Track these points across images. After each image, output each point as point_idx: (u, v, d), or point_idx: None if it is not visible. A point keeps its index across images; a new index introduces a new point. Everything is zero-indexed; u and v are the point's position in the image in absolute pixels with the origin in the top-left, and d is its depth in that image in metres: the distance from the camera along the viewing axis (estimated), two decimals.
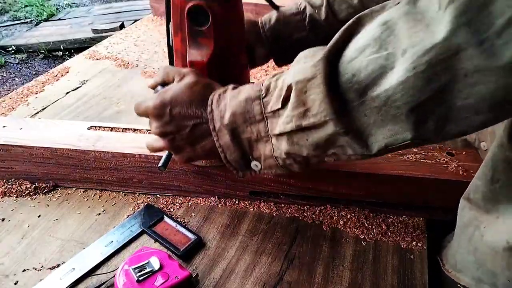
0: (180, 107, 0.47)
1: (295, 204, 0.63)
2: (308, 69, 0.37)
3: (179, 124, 0.47)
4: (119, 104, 0.90)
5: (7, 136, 0.64)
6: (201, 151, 0.48)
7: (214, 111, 0.45)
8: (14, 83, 2.99)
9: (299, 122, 0.39)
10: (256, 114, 0.42)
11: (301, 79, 0.37)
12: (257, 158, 0.45)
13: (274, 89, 0.41)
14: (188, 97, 0.47)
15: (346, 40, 0.37)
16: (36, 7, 4.28)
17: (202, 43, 0.53)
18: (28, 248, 0.56)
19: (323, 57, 0.36)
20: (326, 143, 0.39)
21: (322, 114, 0.37)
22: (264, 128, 0.42)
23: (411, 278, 0.52)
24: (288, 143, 0.41)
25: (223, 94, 0.46)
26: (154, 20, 1.38)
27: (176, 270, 0.48)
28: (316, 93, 0.36)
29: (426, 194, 0.59)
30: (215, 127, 0.45)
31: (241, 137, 0.44)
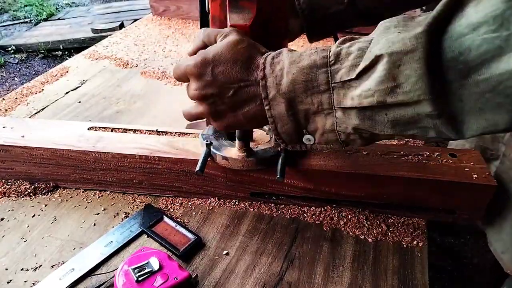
0: (223, 65, 0.43)
1: (296, 205, 0.63)
2: (406, 40, 0.33)
3: (222, 85, 0.43)
4: (119, 104, 0.90)
5: (7, 137, 0.64)
6: (243, 117, 0.45)
7: (268, 76, 0.41)
8: (13, 83, 2.98)
9: (383, 98, 0.35)
10: (320, 84, 0.38)
11: (397, 51, 0.33)
12: (313, 131, 0.42)
13: (346, 56, 0.37)
14: (232, 55, 0.43)
15: (451, 13, 0.33)
16: (35, 6, 4.28)
17: (244, 6, 0.49)
18: (27, 248, 0.56)
19: (426, 30, 0.32)
20: (409, 123, 0.36)
21: (416, 93, 0.33)
22: (328, 99, 0.39)
23: (411, 278, 0.52)
24: (359, 118, 0.37)
25: (278, 57, 0.41)
26: (153, 19, 1.38)
27: (175, 270, 0.48)
28: (413, 68, 0.33)
29: (428, 195, 0.59)
30: (268, 95, 0.41)
31: (298, 108, 0.40)
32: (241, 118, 0.45)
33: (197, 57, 0.44)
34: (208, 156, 0.58)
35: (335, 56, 0.38)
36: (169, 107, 0.88)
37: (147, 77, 1.01)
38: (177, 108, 0.87)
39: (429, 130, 0.36)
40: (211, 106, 0.46)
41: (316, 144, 0.43)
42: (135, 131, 0.67)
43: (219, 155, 0.58)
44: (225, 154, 0.58)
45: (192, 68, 0.44)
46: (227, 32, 0.46)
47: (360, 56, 0.37)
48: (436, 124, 0.35)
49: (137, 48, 1.17)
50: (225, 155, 0.58)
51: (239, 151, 0.58)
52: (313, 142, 0.43)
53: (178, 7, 1.36)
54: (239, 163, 0.58)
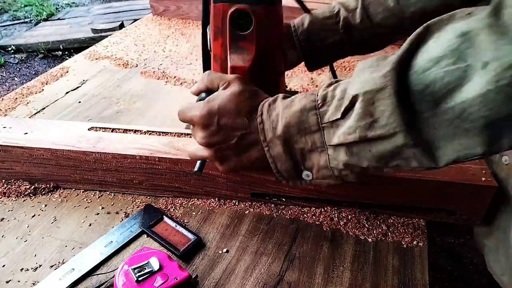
0: (227, 117, 0.46)
1: (296, 206, 0.63)
2: (377, 80, 0.36)
3: (227, 134, 0.47)
4: (119, 104, 0.90)
5: (8, 137, 0.64)
6: (247, 161, 0.48)
7: (265, 121, 0.45)
8: (13, 83, 2.98)
9: (364, 133, 0.38)
10: (312, 125, 0.42)
11: (369, 90, 0.37)
12: (310, 168, 0.44)
13: (331, 98, 0.41)
14: (236, 106, 0.46)
15: (414, 50, 0.36)
16: (35, 6, 4.28)
17: (244, 47, 0.52)
18: (27, 249, 0.56)
19: (393, 68, 0.35)
20: (391, 155, 0.38)
21: (392, 126, 0.36)
22: (320, 138, 0.42)
23: (411, 278, 0.52)
24: (348, 154, 0.40)
25: (273, 104, 0.45)
26: (153, 19, 1.38)
27: (175, 271, 0.48)
28: (386, 104, 0.36)
29: (428, 196, 0.59)
30: (266, 138, 0.45)
31: (294, 148, 0.44)
32: (245, 161, 0.48)
33: (203, 109, 0.47)
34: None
35: (322, 99, 0.42)
36: (169, 107, 0.88)
37: (147, 77, 1.01)
38: (177, 108, 0.87)
39: (411, 161, 0.38)
40: (217, 152, 0.48)
41: (314, 179, 0.45)
42: (135, 131, 0.67)
43: None
44: None
45: (198, 118, 0.47)
46: (230, 80, 0.49)
47: (342, 97, 0.40)
48: (415, 154, 0.37)
49: (137, 48, 1.17)
50: None
51: None
52: (311, 178, 0.45)
53: (178, 7, 1.36)
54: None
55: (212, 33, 0.55)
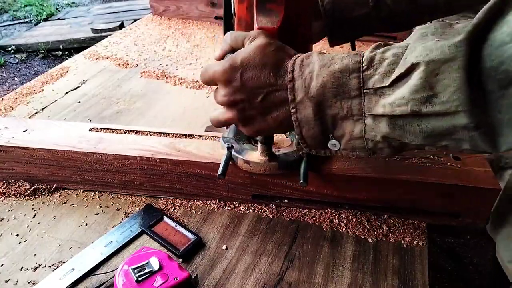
0: (252, 71, 0.42)
1: (297, 208, 0.62)
2: (446, 49, 0.32)
3: (251, 90, 0.42)
4: (119, 104, 0.90)
5: (8, 138, 0.64)
6: (272, 122, 0.44)
7: (297, 79, 0.40)
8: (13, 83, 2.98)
9: (418, 108, 0.34)
10: (352, 89, 0.37)
11: (435, 59, 0.32)
12: (339, 137, 0.41)
13: (380, 62, 0.36)
14: (261, 60, 0.42)
15: (492, 21, 0.32)
16: (35, 6, 4.28)
17: (272, 8, 0.49)
18: (27, 249, 0.56)
19: (466, 38, 0.31)
20: (443, 134, 0.34)
21: (454, 104, 0.32)
22: (358, 105, 0.38)
23: (411, 278, 0.52)
24: (390, 126, 0.36)
25: (307, 59, 0.40)
26: (153, 19, 1.38)
27: (175, 271, 0.48)
28: (452, 78, 0.32)
29: (432, 199, 0.58)
30: (295, 98, 0.40)
31: (326, 112, 0.39)
32: (271, 122, 0.44)
33: (225, 63, 0.43)
34: (229, 159, 0.57)
35: (368, 61, 0.37)
36: (169, 107, 0.88)
37: (147, 77, 1.01)
38: (177, 108, 0.87)
39: (463, 142, 0.34)
40: (240, 112, 0.45)
41: (342, 150, 0.42)
42: (136, 132, 0.67)
43: (241, 159, 0.57)
44: (247, 158, 0.57)
45: (220, 74, 0.43)
46: (255, 35, 0.45)
47: (394, 62, 0.36)
48: (473, 137, 0.33)
49: (137, 48, 1.17)
50: (247, 159, 0.57)
51: (261, 155, 0.57)
52: (338, 148, 0.42)
53: (178, 7, 1.36)
54: (261, 167, 0.57)
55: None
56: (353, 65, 0.37)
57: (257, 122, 0.45)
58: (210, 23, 1.35)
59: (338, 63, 0.38)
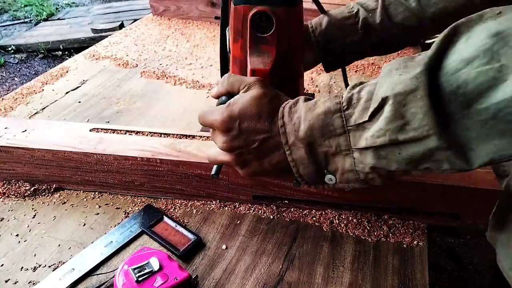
0: (249, 121, 0.45)
1: (297, 208, 0.62)
2: (408, 81, 0.35)
3: (248, 138, 0.46)
4: (119, 104, 0.90)
5: (9, 138, 0.64)
6: (268, 165, 0.47)
7: (287, 124, 0.44)
8: (13, 83, 2.98)
9: (395, 136, 0.37)
10: (336, 128, 0.41)
11: (400, 92, 0.36)
12: (333, 171, 0.44)
13: (357, 101, 0.40)
14: (257, 110, 0.45)
15: (444, 51, 0.35)
16: (35, 6, 4.28)
17: (264, 50, 0.51)
18: (27, 249, 0.56)
19: (424, 69, 0.35)
20: (422, 158, 0.37)
21: (425, 128, 0.35)
22: (345, 141, 0.41)
23: (411, 278, 0.52)
24: (375, 157, 0.39)
25: (295, 106, 0.44)
26: (153, 19, 1.38)
27: (175, 271, 0.48)
28: (418, 106, 0.35)
29: (432, 200, 0.58)
30: (287, 141, 0.44)
31: (317, 151, 0.43)
32: (267, 165, 0.47)
33: (224, 113, 0.46)
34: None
35: (348, 101, 0.40)
36: (169, 107, 0.88)
37: (147, 77, 1.01)
38: (177, 108, 0.87)
39: (442, 163, 0.37)
40: (237, 157, 0.48)
41: (338, 183, 0.44)
42: (137, 132, 0.67)
43: None
44: None
45: (219, 123, 0.46)
46: (250, 83, 0.48)
47: (369, 99, 0.39)
48: (448, 156, 0.36)
49: (137, 48, 1.17)
50: None
51: None
52: (335, 182, 0.44)
53: (178, 7, 1.36)
54: None
55: (232, 35, 0.54)
56: (334, 107, 0.41)
57: (253, 165, 0.48)
58: (210, 23, 1.35)
59: (321, 107, 0.42)
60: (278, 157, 0.46)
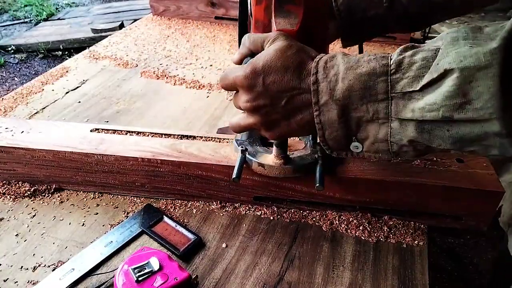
0: (274, 75, 0.41)
1: (298, 209, 0.62)
2: (481, 56, 0.32)
3: (274, 95, 0.42)
4: (119, 104, 0.90)
5: (9, 138, 0.64)
6: (296, 125, 0.43)
7: (321, 81, 0.39)
8: (13, 83, 2.98)
9: (450, 114, 0.34)
10: (379, 92, 0.37)
11: (470, 66, 0.32)
12: (362, 139, 0.40)
13: (409, 66, 0.36)
14: (283, 63, 0.41)
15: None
16: (35, 6, 4.28)
17: (291, 10, 0.48)
18: (27, 248, 0.56)
19: (502, 44, 0.31)
20: (472, 140, 0.34)
21: (488, 111, 0.32)
22: (385, 109, 0.37)
23: (411, 278, 0.52)
24: (417, 131, 0.36)
25: (331, 61, 0.40)
26: (153, 19, 1.38)
27: (175, 271, 0.48)
28: (487, 85, 0.31)
29: (434, 201, 0.58)
30: (318, 100, 0.40)
31: (351, 115, 0.39)
32: (295, 126, 0.44)
33: (247, 68, 0.43)
34: (243, 162, 0.57)
35: (397, 64, 0.37)
36: (169, 107, 0.88)
37: (147, 77, 1.01)
38: (177, 108, 0.87)
39: (492, 149, 0.35)
40: (263, 117, 0.44)
41: (364, 152, 0.41)
42: (138, 133, 0.67)
43: (255, 162, 0.57)
44: (261, 161, 0.57)
45: (242, 79, 0.43)
46: (274, 37, 0.44)
47: (424, 66, 0.35)
48: (503, 143, 0.34)
49: (137, 48, 1.17)
50: (262, 162, 0.56)
51: (276, 158, 0.57)
52: (360, 150, 0.41)
53: (178, 7, 1.36)
54: (276, 170, 0.56)
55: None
56: (380, 68, 0.37)
57: (280, 126, 0.45)
58: (210, 23, 1.35)
59: (365, 66, 0.38)
60: (308, 116, 0.42)
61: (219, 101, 0.90)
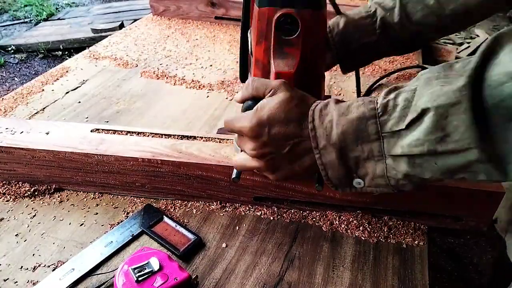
0: (278, 126, 0.45)
1: (298, 210, 0.62)
2: (451, 94, 0.35)
3: (278, 144, 0.45)
4: (119, 104, 0.90)
5: (10, 138, 0.64)
6: (299, 168, 0.47)
7: (318, 128, 0.43)
8: (13, 83, 2.98)
9: (433, 147, 0.37)
10: (370, 134, 0.41)
11: (443, 104, 0.35)
12: (363, 176, 0.44)
13: (393, 107, 0.40)
14: (286, 115, 0.45)
15: (486, 62, 0.35)
16: (35, 6, 4.28)
17: (289, 53, 0.51)
18: (27, 249, 0.56)
19: (468, 82, 0.35)
20: (459, 169, 0.37)
21: (466, 142, 0.35)
22: (378, 147, 0.41)
23: (411, 278, 0.52)
24: (410, 165, 0.39)
25: (325, 109, 0.44)
26: (153, 19, 1.38)
27: (175, 271, 0.48)
28: (461, 119, 0.35)
29: (434, 201, 0.58)
30: (318, 145, 0.43)
31: (349, 156, 0.43)
32: (298, 169, 0.47)
33: (252, 119, 0.46)
34: None
35: (383, 108, 0.40)
36: (169, 107, 0.88)
37: (147, 77, 1.01)
38: (177, 108, 0.87)
39: (479, 174, 0.37)
40: (268, 162, 0.47)
41: (366, 187, 0.44)
42: (138, 133, 0.67)
43: None
44: None
45: (248, 130, 0.46)
46: (276, 87, 0.47)
47: (406, 107, 0.39)
48: (486, 168, 0.36)
49: (137, 48, 1.17)
50: None
51: None
52: (363, 186, 0.44)
53: (178, 7, 1.36)
54: None
55: (255, 37, 0.53)
56: (369, 112, 0.41)
57: (284, 170, 0.48)
58: (210, 23, 1.35)
59: (355, 112, 0.42)
60: (310, 160, 0.46)
61: (219, 101, 0.90)
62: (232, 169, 0.58)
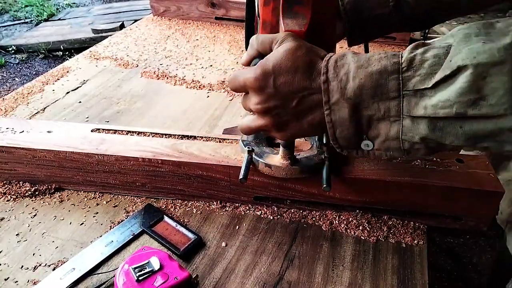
0: (285, 76, 0.41)
1: (298, 209, 0.62)
2: (495, 52, 0.32)
3: (285, 96, 0.41)
4: (119, 104, 0.90)
5: (10, 138, 0.64)
6: (307, 125, 0.43)
7: (331, 80, 0.39)
8: (14, 83, 2.99)
9: (464, 110, 0.33)
10: (390, 90, 0.37)
11: (483, 62, 0.32)
12: (373, 137, 0.40)
13: (420, 63, 0.36)
14: (293, 64, 0.41)
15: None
16: (36, 7, 4.28)
17: (299, 12, 0.48)
18: (28, 248, 0.56)
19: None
20: (486, 136, 0.34)
21: (502, 107, 0.32)
22: (396, 106, 0.37)
23: (411, 278, 0.52)
24: (430, 128, 0.36)
25: (341, 60, 0.40)
26: (154, 20, 1.38)
27: (176, 270, 0.48)
28: (501, 81, 0.32)
29: (434, 201, 0.58)
30: (329, 99, 0.39)
31: (362, 114, 0.39)
32: (306, 126, 0.44)
33: (257, 69, 0.42)
34: (250, 163, 0.56)
35: (408, 62, 0.37)
36: (170, 107, 0.88)
37: (147, 77, 1.01)
38: (178, 108, 0.87)
39: (506, 144, 0.35)
40: (274, 118, 0.44)
41: (375, 150, 0.41)
42: (138, 133, 0.67)
43: (262, 162, 0.57)
44: (268, 162, 0.56)
45: (252, 81, 0.42)
46: (283, 38, 0.44)
47: (436, 64, 0.35)
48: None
49: (138, 48, 1.18)
50: (268, 163, 0.56)
51: (283, 159, 0.56)
52: (371, 148, 0.41)
53: (178, 8, 1.37)
54: (282, 171, 0.56)
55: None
56: (392, 67, 0.37)
57: (292, 126, 0.44)
58: (210, 24, 1.35)
59: (376, 64, 0.38)
60: (320, 116, 0.42)
61: (219, 101, 0.91)
62: (232, 169, 0.58)
